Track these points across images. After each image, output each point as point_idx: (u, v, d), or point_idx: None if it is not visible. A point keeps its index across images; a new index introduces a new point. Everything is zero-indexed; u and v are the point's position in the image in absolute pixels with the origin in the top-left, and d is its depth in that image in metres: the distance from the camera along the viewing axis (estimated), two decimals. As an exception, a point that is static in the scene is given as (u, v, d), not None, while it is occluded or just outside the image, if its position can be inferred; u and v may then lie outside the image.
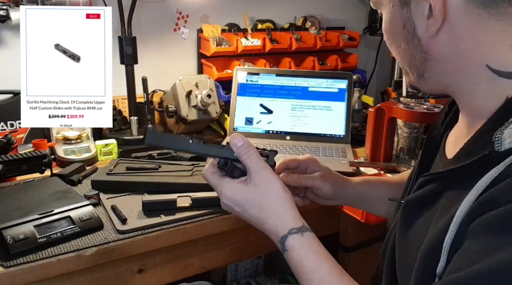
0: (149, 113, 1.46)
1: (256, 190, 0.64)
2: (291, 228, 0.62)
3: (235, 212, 0.66)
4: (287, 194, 0.64)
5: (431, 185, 0.59)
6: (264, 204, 0.64)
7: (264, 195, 0.64)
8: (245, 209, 0.65)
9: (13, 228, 0.85)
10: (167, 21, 1.63)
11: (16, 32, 1.32)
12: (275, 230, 0.63)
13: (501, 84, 0.52)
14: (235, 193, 0.64)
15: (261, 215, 0.64)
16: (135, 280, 0.96)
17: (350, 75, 1.48)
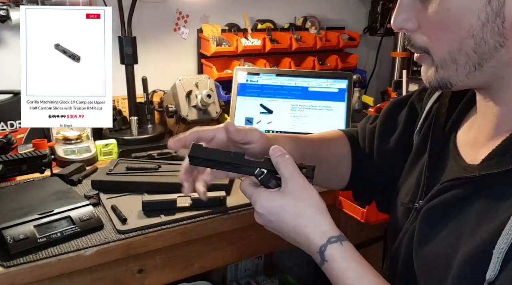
0: (149, 113, 1.46)
1: (291, 197, 0.59)
2: (330, 237, 0.58)
3: (270, 223, 0.62)
4: (322, 202, 0.61)
5: (457, 190, 0.57)
6: (300, 211, 0.59)
7: (300, 202, 0.59)
8: (280, 218, 0.60)
9: (13, 228, 0.85)
10: (167, 21, 1.63)
11: (16, 32, 1.32)
12: (313, 239, 0.58)
13: None
14: (269, 201, 0.60)
15: (297, 223, 0.59)
16: (135, 280, 0.96)
17: (350, 75, 1.48)
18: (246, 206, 1.04)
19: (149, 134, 1.43)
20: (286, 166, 0.60)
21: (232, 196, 1.07)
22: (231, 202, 1.03)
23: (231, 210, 1.02)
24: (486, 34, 0.50)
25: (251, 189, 0.62)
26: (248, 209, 1.03)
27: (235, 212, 1.02)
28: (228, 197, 1.04)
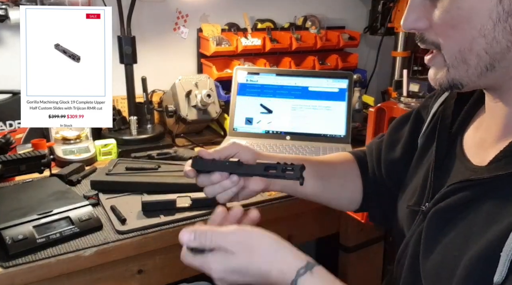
0: (148, 113, 1.45)
1: (244, 254, 0.57)
2: (298, 269, 0.56)
3: (234, 280, 0.59)
4: (273, 235, 0.60)
5: (465, 192, 0.56)
6: (259, 260, 0.57)
7: (253, 252, 0.58)
8: (243, 275, 0.58)
9: (12, 229, 0.84)
10: (167, 21, 1.63)
11: (15, 32, 1.32)
12: (282, 278, 0.56)
13: None
14: (226, 264, 0.57)
15: (261, 272, 0.57)
16: (134, 280, 0.96)
17: (350, 75, 1.48)
18: (246, 206, 1.03)
19: (148, 134, 1.42)
20: (214, 238, 0.58)
21: (232, 196, 1.07)
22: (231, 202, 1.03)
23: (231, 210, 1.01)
24: (498, 33, 0.50)
25: (197, 260, 0.60)
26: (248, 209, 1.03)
27: (235, 212, 1.02)
28: (228, 197, 1.04)
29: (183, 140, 1.46)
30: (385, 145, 0.82)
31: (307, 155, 1.33)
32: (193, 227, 0.60)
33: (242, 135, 1.46)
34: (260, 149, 1.36)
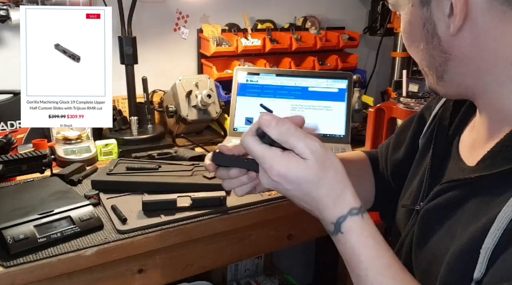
0: (149, 113, 1.46)
1: (314, 168, 0.53)
2: (352, 208, 0.54)
3: (284, 190, 0.56)
4: (344, 171, 0.56)
5: (454, 191, 0.57)
6: (323, 182, 0.54)
7: (322, 172, 0.54)
8: (299, 188, 0.54)
9: (13, 228, 0.84)
10: (167, 21, 1.63)
11: (16, 32, 1.32)
12: (332, 209, 0.54)
13: None
14: (290, 169, 0.53)
15: (318, 193, 0.54)
16: (135, 280, 0.96)
17: (350, 75, 1.48)
18: (246, 206, 1.04)
19: (149, 134, 1.43)
20: (298, 138, 0.54)
21: (232, 196, 1.07)
22: (231, 202, 1.03)
23: (231, 210, 1.02)
24: (432, 51, 0.55)
25: (263, 149, 0.55)
26: (248, 209, 1.04)
27: (235, 212, 1.02)
28: (228, 197, 1.04)
29: (183, 140, 1.46)
30: (391, 146, 0.84)
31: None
32: (277, 117, 0.56)
33: (242, 135, 1.46)
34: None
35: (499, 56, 0.51)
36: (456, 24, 0.51)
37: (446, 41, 0.53)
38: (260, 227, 1.09)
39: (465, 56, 0.53)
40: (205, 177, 1.11)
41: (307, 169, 0.53)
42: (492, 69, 0.52)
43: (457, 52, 0.53)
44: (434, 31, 0.53)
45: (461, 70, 0.54)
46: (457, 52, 0.53)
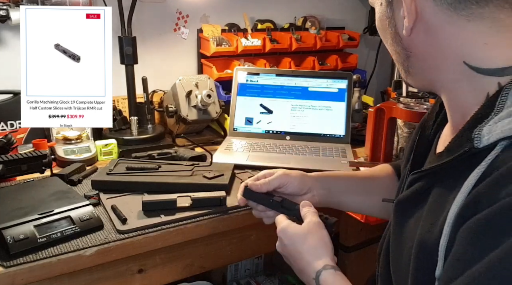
0: (149, 113, 1.46)
1: (304, 228, 0.72)
2: (326, 265, 0.67)
3: (284, 247, 0.73)
4: (329, 240, 0.71)
5: (420, 182, 0.59)
6: (307, 240, 0.70)
7: (309, 234, 0.70)
8: (292, 242, 0.71)
9: (13, 228, 0.84)
10: (167, 21, 1.63)
11: (16, 32, 1.32)
12: (312, 266, 0.68)
13: (481, 81, 0.52)
14: (288, 228, 0.73)
15: (303, 248, 0.70)
16: (135, 280, 0.96)
17: (350, 75, 1.48)
18: (246, 206, 1.04)
19: (149, 134, 1.43)
20: (308, 213, 0.74)
21: (232, 196, 1.07)
22: (231, 202, 1.03)
23: (231, 210, 1.02)
24: (396, 47, 0.59)
25: (283, 220, 0.76)
26: (248, 209, 1.03)
27: (235, 212, 1.02)
28: (228, 197, 1.04)
29: (183, 140, 1.46)
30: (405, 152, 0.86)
31: (307, 155, 1.33)
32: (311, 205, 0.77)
33: (242, 135, 1.46)
34: (260, 149, 1.37)
35: (451, 54, 0.54)
36: (407, 25, 0.55)
37: (405, 40, 0.57)
38: (260, 227, 1.09)
39: (422, 54, 0.57)
40: (205, 177, 1.11)
41: (300, 229, 0.72)
42: (446, 66, 0.55)
43: (415, 50, 0.57)
44: (396, 30, 0.58)
45: (422, 66, 0.58)
46: (415, 50, 0.57)
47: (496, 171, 0.46)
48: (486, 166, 0.47)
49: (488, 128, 0.48)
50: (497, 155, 0.47)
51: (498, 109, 0.48)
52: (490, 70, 0.51)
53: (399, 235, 0.62)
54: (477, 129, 0.49)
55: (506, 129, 0.46)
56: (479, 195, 0.46)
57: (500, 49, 0.51)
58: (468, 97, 0.54)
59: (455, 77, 0.55)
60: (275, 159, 1.29)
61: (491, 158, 0.47)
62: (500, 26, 0.51)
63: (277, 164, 1.25)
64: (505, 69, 0.50)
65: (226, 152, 1.35)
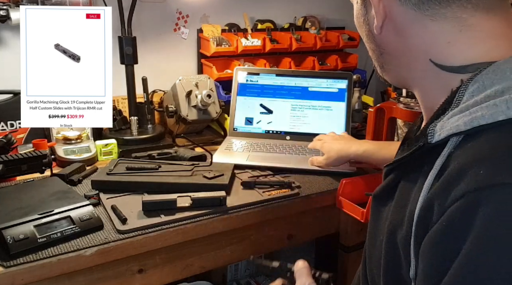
0: (149, 113, 1.46)
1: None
2: None
3: None
4: None
5: (391, 176, 0.60)
6: None
7: None
8: None
9: (13, 228, 0.84)
10: (167, 21, 1.63)
11: (16, 32, 1.32)
12: None
13: (446, 78, 0.53)
14: None
15: None
16: (135, 280, 0.96)
17: (350, 75, 1.48)
18: (246, 206, 1.04)
19: (149, 134, 1.43)
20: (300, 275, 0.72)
21: (232, 196, 1.07)
22: (231, 202, 1.03)
23: (231, 210, 1.02)
24: (370, 44, 0.61)
25: None
26: (248, 209, 1.04)
27: (235, 212, 1.02)
28: (228, 197, 1.04)
29: (183, 140, 1.46)
30: None
31: (306, 155, 1.33)
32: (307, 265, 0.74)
33: (242, 135, 1.46)
34: (260, 149, 1.37)
35: (418, 52, 0.55)
36: (376, 24, 0.57)
37: (377, 37, 0.59)
38: (260, 227, 1.09)
39: (393, 51, 0.59)
40: (205, 177, 1.11)
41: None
42: (415, 64, 0.57)
43: (386, 48, 0.59)
44: (370, 28, 0.59)
45: (394, 63, 0.60)
46: (386, 47, 0.59)
47: (446, 171, 0.46)
48: (441, 165, 0.47)
49: (441, 124, 0.49)
50: (450, 152, 0.47)
51: (455, 105, 0.49)
52: (453, 67, 0.53)
53: (372, 229, 0.63)
54: (432, 124, 0.50)
55: (454, 126, 0.47)
56: (433, 197, 0.46)
57: (462, 47, 0.52)
58: (436, 93, 0.55)
59: (423, 74, 0.56)
60: (275, 159, 1.29)
61: (445, 156, 0.47)
62: (462, 25, 0.52)
63: (277, 164, 1.25)
64: (466, 67, 0.52)
65: (226, 152, 1.35)
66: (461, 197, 0.42)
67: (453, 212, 0.42)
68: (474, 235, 0.40)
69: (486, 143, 0.44)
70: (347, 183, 1.11)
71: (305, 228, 1.18)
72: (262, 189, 1.11)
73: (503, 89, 0.45)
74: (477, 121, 0.45)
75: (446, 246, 0.43)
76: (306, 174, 1.23)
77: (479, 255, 0.40)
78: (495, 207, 0.40)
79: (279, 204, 1.07)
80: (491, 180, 0.41)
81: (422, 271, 0.46)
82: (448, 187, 0.44)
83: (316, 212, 1.17)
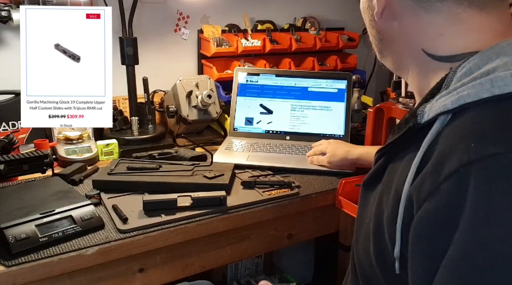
0: (149, 113, 1.46)
1: None
2: None
3: None
4: None
5: (379, 161, 0.62)
6: None
7: None
8: None
9: (14, 228, 0.85)
10: (168, 22, 1.64)
11: (18, 33, 1.32)
12: None
13: (436, 66, 0.56)
14: None
15: None
16: (135, 279, 0.97)
17: (349, 76, 1.49)
18: (246, 206, 1.04)
19: (150, 134, 1.43)
20: None
21: (232, 196, 1.08)
22: (231, 202, 1.04)
23: (231, 210, 1.02)
24: (372, 30, 0.63)
25: None
26: (248, 209, 1.04)
27: (235, 212, 1.02)
28: (228, 197, 1.05)
29: (184, 140, 1.46)
30: None
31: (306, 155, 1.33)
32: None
33: (242, 135, 1.47)
34: (260, 149, 1.37)
35: (412, 41, 0.58)
36: (377, 10, 0.59)
37: (378, 24, 0.61)
38: (260, 227, 1.10)
39: (390, 38, 0.61)
40: (206, 177, 1.12)
41: None
42: (408, 52, 0.59)
43: (385, 34, 0.61)
44: (372, 13, 0.61)
45: (391, 49, 0.63)
46: (385, 34, 0.61)
47: (435, 148, 0.47)
48: (429, 143, 0.49)
49: (429, 105, 0.51)
50: (438, 131, 0.49)
51: (443, 89, 0.51)
52: (443, 57, 0.56)
53: (360, 214, 0.65)
54: (422, 106, 0.52)
55: (442, 105, 0.48)
56: (424, 175, 0.47)
57: (453, 39, 0.55)
58: (427, 80, 0.58)
59: (416, 62, 0.59)
60: (275, 159, 1.30)
61: (433, 134, 0.49)
62: (455, 19, 0.54)
63: (277, 164, 1.26)
64: (455, 56, 0.54)
65: (226, 152, 1.36)
66: (455, 171, 0.43)
67: (449, 186, 0.43)
68: (471, 205, 0.41)
69: (473, 119, 0.46)
70: (347, 183, 1.11)
71: (305, 227, 1.18)
72: (262, 189, 1.12)
73: (488, 71, 0.47)
74: (463, 99, 0.47)
75: (443, 221, 0.43)
76: (306, 174, 1.23)
77: (480, 222, 0.41)
78: (488, 176, 0.42)
79: (279, 204, 1.08)
80: (482, 152, 0.42)
81: (421, 251, 0.46)
82: (440, 164, 0.45)
83: (316, 211, 1.17)
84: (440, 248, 0.43)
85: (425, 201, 0.45)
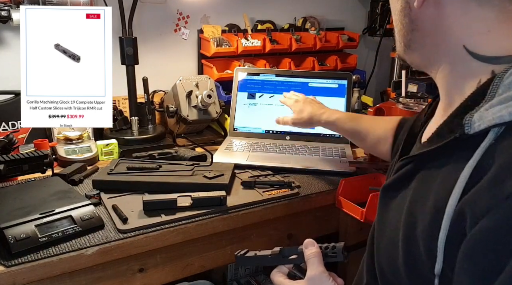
0: (149, 113, 1.46)
1: None
2: None
3: None
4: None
5: (405, 168, 0.59)
6: None
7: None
8: None
9: (14, 228, 0.85)
10: (168, 22, 1.64)
11: (17, 33, 1.32)
12: None
13: (476, 67, 0.52)
14: None
15: None
16: (135, 279, 0.96)
17: (349, 76, 1.49)
18: (246, 206, 1.04)
19: (149, 134, 1.43)
20: (312, 264, 0.69)
21: (232, 196, 1.08)
22: (231, 202, 1.04)
23: (231, 210, 1.02)
24: (403, 18, 0.58)
25: (280, 280, 0.73)
26: (248, 209, 1.04)
27: (235, 211, 1.02)
28: (228, 197, 1.05)
29: (184, 140, 1.47)
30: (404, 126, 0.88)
31: (306, 155, 1.33)
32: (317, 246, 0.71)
33: (242, 135, 1.47)
34: (260, 149, 1.37)
35: (452, 36, 0.53)
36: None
37: (414, 12, 0.56)
38: (260, 227, 1.10)
39: (426, 30, 0.56)
40: (206, 177, 1.11)
41: None
42: (445, 47, 0.55)
43: (420, 24, 0.56)
44: (407, 0, 0.57)
45: (423, 42, 0.58)
46: (421, 24, 0.56)
47: (492, 162, 0.44)
48: (481, 155, 0.46)
49: (479, 115, 0.47)
50: (490, 143, 0.45)
51: (489, 97, 0.48)
52: (486, 57, 0.51)
53: (380, 221, 0.62)
54: (468, 115, 0.48)
55: (497, 116, 0.45)
56: (477, 191, 0.44)
57: (501, 38, 0.51)
58: (461, 82, 0.54)
59: (451, 59, 0.55)
60: (275, 159, 1.30)
61: (485, 147, 0.46)
62: (507, 16, 0.50)
63: (277, 164, 1.26)
64: (500, 58, 0.50)
65: (226, 152, 1.36)
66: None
67: (511, 205, 0.41)
68: None
69: None
70: (347, 183, 1.11)
71: (305, 227, 1.18)
72: (262, 189, 1.12)
73: None
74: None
75: (501, 241, 0.41)
76: (306, 174, 1.23)
77: None
78: None
79: (279, 204, 1.08)
80: None
81: (472, 271, 0.43)
82: (500, 180, 0.42)
83: (316, 211, 1.17)
84: (493, 270, 0.41)
85: (482, 218, 0.42)
